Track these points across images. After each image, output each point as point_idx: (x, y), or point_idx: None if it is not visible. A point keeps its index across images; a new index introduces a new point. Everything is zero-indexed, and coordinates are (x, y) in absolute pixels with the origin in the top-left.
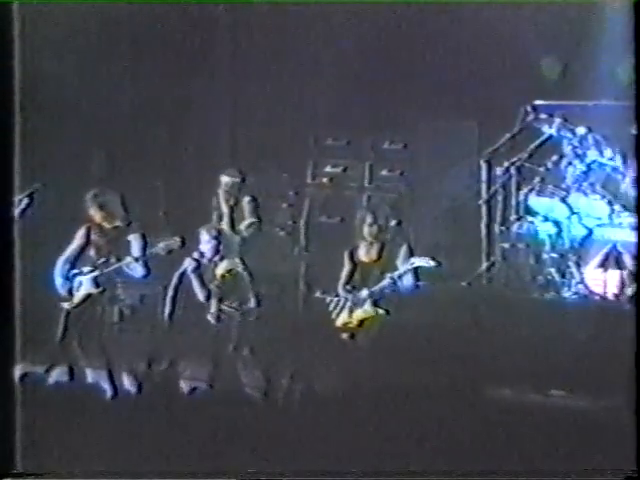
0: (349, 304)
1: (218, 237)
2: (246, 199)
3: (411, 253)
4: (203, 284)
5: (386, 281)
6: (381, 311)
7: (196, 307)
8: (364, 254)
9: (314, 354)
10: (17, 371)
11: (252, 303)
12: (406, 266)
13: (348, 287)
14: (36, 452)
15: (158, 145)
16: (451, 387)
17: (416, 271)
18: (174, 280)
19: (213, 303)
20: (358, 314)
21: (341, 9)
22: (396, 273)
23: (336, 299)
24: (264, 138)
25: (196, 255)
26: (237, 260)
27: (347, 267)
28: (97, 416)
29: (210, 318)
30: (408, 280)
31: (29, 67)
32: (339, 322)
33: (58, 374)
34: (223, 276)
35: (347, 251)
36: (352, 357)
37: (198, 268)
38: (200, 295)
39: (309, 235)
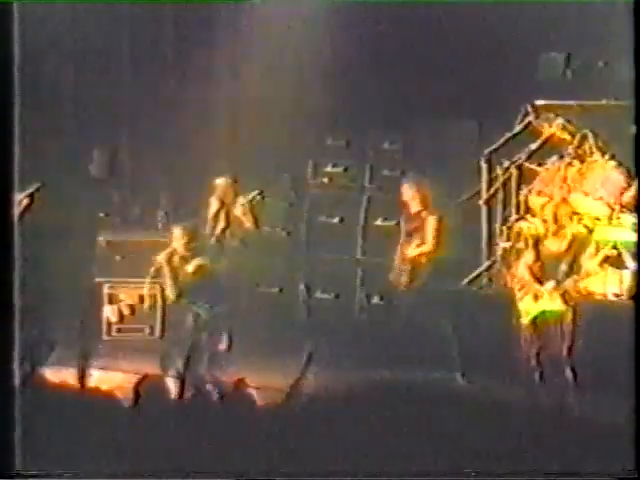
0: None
1: (192, 234)
2: (244, 199)
3: None
4: (176, 281)
5: None
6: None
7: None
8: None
9: (313, 354)
10: (16, 371)
11: (224, 307)
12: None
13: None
14: (36, 452)
15: (158, 145)
16: (451, 387)
17: None
18: (151, 272)
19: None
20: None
21: (341, 8)
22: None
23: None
24: (264, 138)
25: (169, 250)
26: (208, 260)
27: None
28: (97, 416)
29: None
30: None
31: (29, 67)
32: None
33: (57, 374)
34: (194, 273)
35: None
36: (350, 357)
37: (170, 262)
38: (170, 294)
39: (309, 235)
